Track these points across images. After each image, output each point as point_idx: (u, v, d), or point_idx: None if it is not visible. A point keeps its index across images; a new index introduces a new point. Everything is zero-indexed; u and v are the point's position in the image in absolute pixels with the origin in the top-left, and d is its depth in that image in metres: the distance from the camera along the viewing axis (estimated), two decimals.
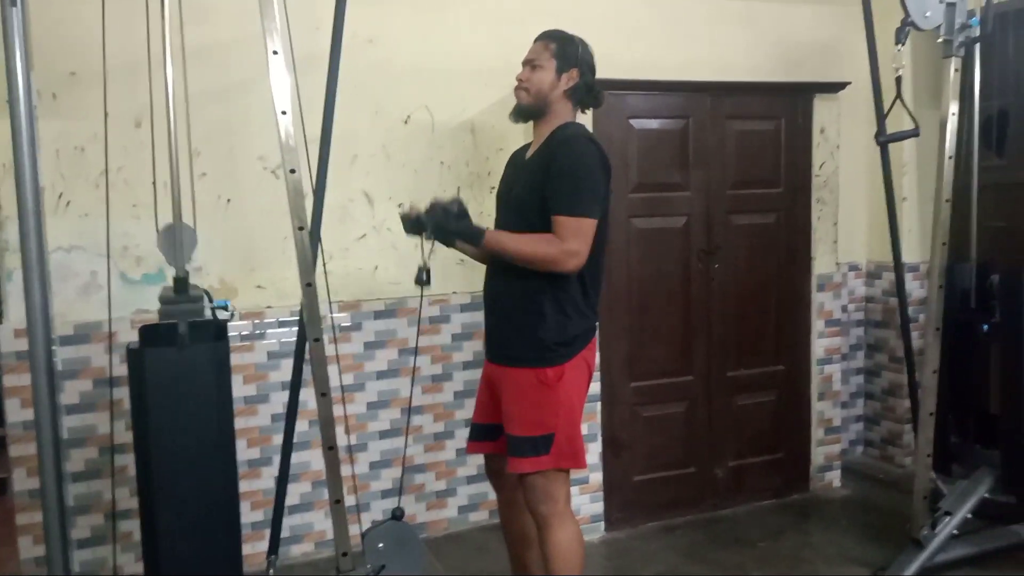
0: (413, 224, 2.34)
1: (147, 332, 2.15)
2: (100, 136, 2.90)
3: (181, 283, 2.07)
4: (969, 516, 3.08)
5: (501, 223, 2.47)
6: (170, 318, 1.98)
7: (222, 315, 2.14)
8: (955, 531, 3.03)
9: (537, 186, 2.30)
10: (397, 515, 2.37)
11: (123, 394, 2.94)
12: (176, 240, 2.07)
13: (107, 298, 2.87)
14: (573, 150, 2.29)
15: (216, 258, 3.08)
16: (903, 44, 2.94)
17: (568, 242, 2.22)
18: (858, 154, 4.05)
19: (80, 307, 2.93)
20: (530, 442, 2.31)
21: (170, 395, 1.90)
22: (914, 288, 4.02)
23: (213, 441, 1.94)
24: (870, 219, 4.19)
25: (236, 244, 3.12)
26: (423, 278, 2.37)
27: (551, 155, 2.31)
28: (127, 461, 2.97)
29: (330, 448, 2.22)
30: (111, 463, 2.70)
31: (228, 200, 3.10)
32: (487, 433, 2.52)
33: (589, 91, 2.43)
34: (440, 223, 2.28)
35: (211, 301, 2.15)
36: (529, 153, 2.45)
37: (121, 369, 2.93)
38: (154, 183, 2.44)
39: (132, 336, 2.90)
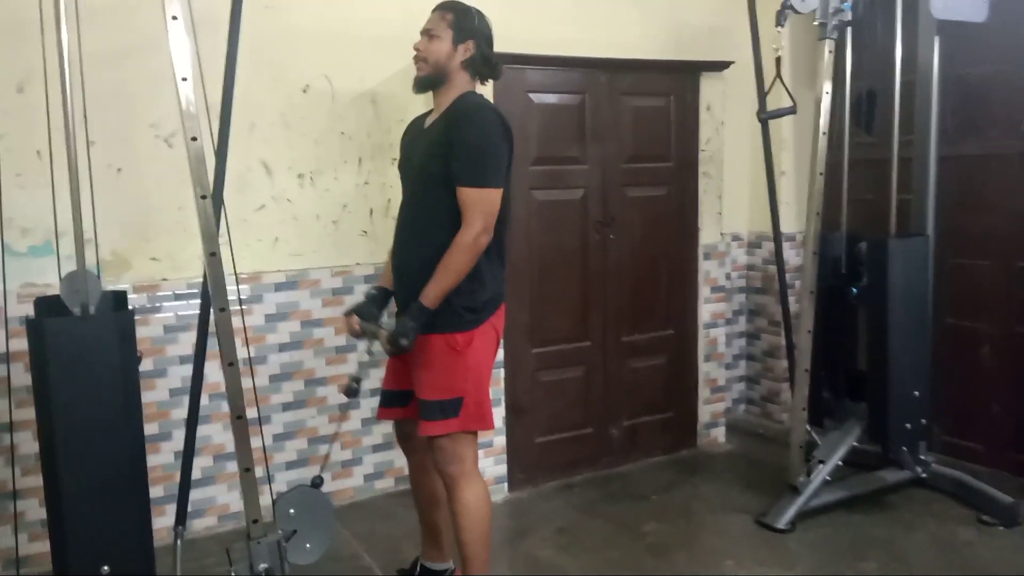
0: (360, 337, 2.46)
1: (42, 304, 2.09)
2: None
3: None
4: (840, 464, 3.36)
5: (408, 195, 2.50)
6: (72, 319, 1.93)
7: None
8: (828, 477, 3.30)
9: (439, 156, 2.33)
10: (316, 483, 2.40)
11: (7, 371, 2.85)
12: (81, 287, 1.99)
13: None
14: (475, 121, 2.34)
15: (108, 229, 2.96)
16: (783, 26, 3.12)
17: (473, 225, 2.28)
18: (741, 130, 4.26)
19: None
20: (439, 405, 2.37)
21: (72, 366, 1.86)
22: (791, 256, 4.28)
23: (119, 412, 1.91)
24: (751, 192, 4.43)
25: (128, 215, 3.03)
26: (354, 389, 2.39)
27: (452, 126, 2.34)
28: (17, 440, 2.87)
29: (239, 417, 2.22)
30: (11, 443, 2.60)
31: (119, 169, 3.00)
32: (397, 399, 2.57)
33: (486, 62, 2.47)
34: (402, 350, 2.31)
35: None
36: (428, 122, 2.49)
37: (10, 345, 2.84)
38: (50, 152, 2.35)
39: (19, 311, 2.79)
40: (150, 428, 3.08)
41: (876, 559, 2.95)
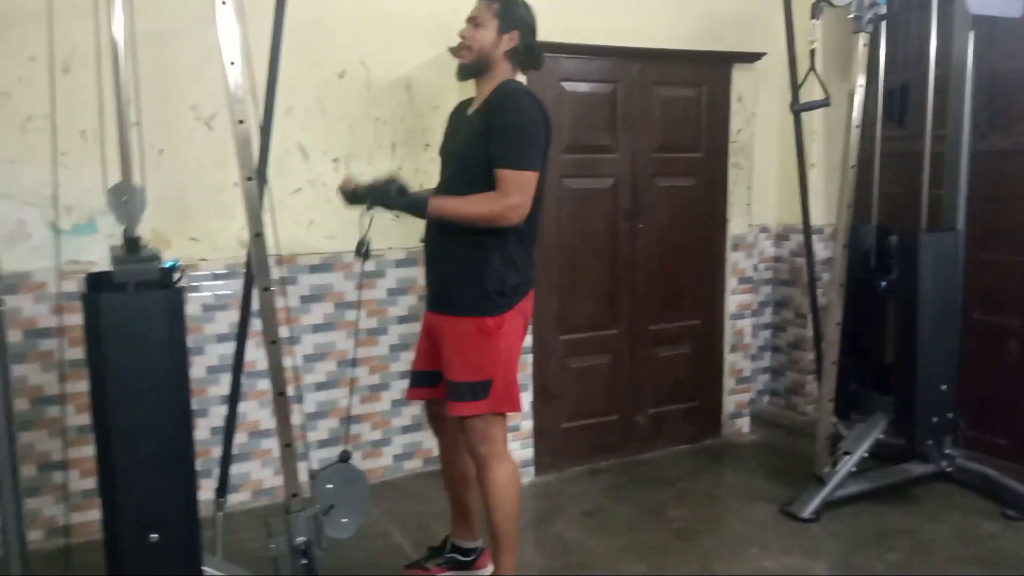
0: (352, 197, 2.39)
1: (92, 279, 2.14)
2: (25, 81, 2.86)
3: (133, 243, 2.06)
4: (866, 455, 3.38)
5: (445, 177, 2.55)
6: (124, 278, 1.98)
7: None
8: (853, 469, 3.32)
9: (479, 142, 2.38)
10: (344, 457, 2.46)
11: (53, 345, 2.94)
12: (128, 199, 2.05)
13: (40, 248, 2.89)
14: (515, 105, 2.38)
15: (149, 209, 3.02)
16: (818, 19, 3.13)
17: (511, 196, 2.32)
18: (771, 122, 4.28)
19: (7, 257, 2.86)
20: (470, 387, 2.42)
21: (126, 341, 1.92)
22: (818, 249, 4.28)
23: (169, 385, 1.97)
24: (780, 184, 4.44)
25: (169, 195, 3.08)
26: (363, 251, 2.42)
27: (493, 111, 2.39)
28: (59, 413, 2.96)
29: (280, 394, 2.27)
30: (62, 415, 2.67)
31: (160, 150, 3.06)
32: (427, 380, 2.62)
33: (529, 52, 2.51)
34: (381, 201, 2.34)
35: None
36: (471, 109, 2.53)
37: (52, 320, 2.92)
38: (107, 134, 2.40)
39: (64, 287, 2.87)
40: None
41: (901, 549, 2.97)
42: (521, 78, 2.63)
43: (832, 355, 3.28)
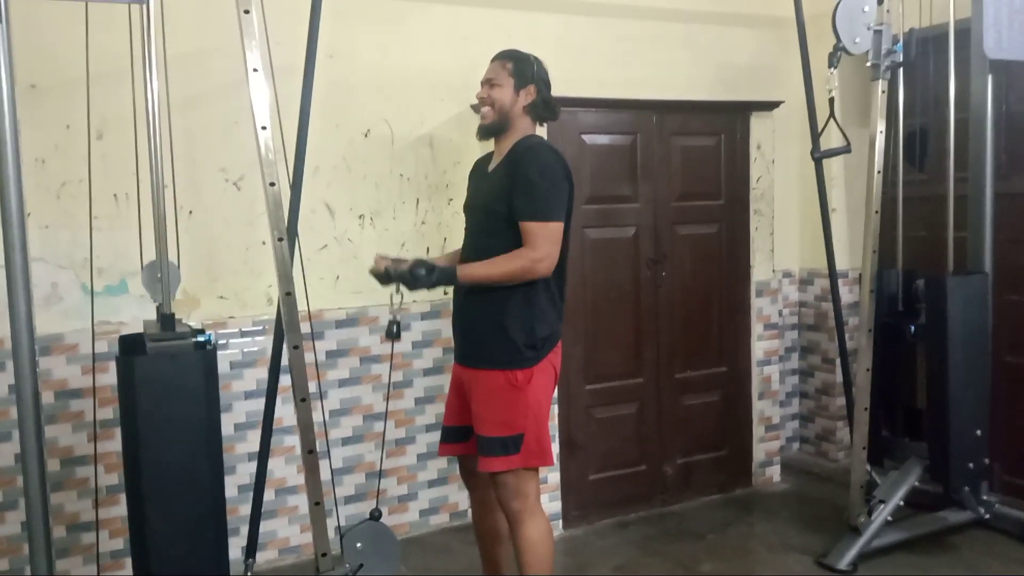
0: (385, 278, 2.40)
1: (126, 342, 2.18)
2: (61, 147, 2.93)
3: (168, 320, 2.10)
4: (901, 504, 3.31)
5: (470, 232, 2.58)
6: (159, 356, 2.01)
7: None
8: (889, 518, 3.25)
9: (503, 196, 2.41)
10: (375, 516, 2.45)
11: (83, 406, 2.96)
12: (163, 276, 2.10)
13: (72, 310, 2.93)
14: (537, 159, 2.42)
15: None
16: (835, 67, 3.16)
17: (537, 248, 2.34)
18: (791, 168, 4.29)
19: (40, 319, 2.88)
20: (500, 442, 2.41)
21: (160, 402, 1.94)
22: (842, 293, 4.25)
23: (202, 446, 1.99)
24: (801, 229, 4.44)
25: (198, 255, 3.14)
26: (394, 332, 2.43)
27: (515, 165, 2.43)
28: (88, 473, 2.97)
29: (310, 452, 2.28)
30: (95, 474, 2.69)
31: (190, 212, 3.12)
32: (458, 435, 2.62)
33: (546, 106, 2.56)
34: (413, 287, 2.34)
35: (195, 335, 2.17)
36: (492, 165, 2.57)
37: (83, 381, 2.95)
38: (140, 198, 2.46)
39: (96, 347, 2.90)
40: None
41: None
42: (540, 131, 2.68)
43: (864, 401, 3.24)
